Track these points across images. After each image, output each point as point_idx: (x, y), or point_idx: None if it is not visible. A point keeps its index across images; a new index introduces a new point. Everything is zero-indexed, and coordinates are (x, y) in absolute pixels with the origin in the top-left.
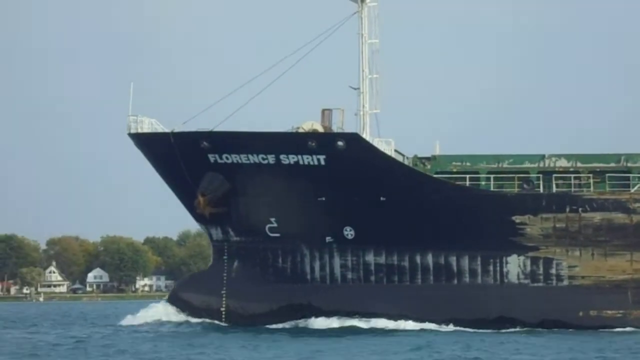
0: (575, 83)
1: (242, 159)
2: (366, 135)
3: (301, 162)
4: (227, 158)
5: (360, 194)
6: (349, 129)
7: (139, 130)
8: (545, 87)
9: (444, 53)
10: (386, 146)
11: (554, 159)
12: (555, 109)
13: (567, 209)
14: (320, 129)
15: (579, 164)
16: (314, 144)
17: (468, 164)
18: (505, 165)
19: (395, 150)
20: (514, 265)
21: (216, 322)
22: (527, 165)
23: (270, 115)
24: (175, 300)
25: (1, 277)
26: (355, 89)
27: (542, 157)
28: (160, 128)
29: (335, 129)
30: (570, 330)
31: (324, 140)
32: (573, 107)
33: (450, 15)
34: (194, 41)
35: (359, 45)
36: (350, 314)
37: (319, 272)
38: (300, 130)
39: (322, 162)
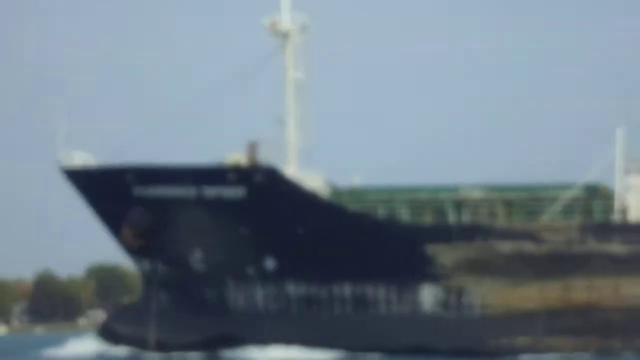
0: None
1: (166, 191)
2: (293, 168)
3: (222, 195)
4: (151, 191)
5: (279, 226)
6: (279, 160)
7: (70, 165)
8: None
9: (380, 84)
10: (312, 177)
11: (468, 190)
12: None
13: (478, 239)
14: (245, 162)
15: (492, 195)
16: (233, 176)
17: (385, 195)
18: (421, 197)
19: (327, 182)
20: (428, 296)
21: (147, 352)
22: (442, 195)
23: (203, 148)
24: (105, 332)
25: None
26: (280, 121)
27: (457, 188)
28: (90, 161)
29: (265, 161)
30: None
31: (243, 174)
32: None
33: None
34: (124, 73)
35: (283, 78)
36: (274, 343)
37: (243, 302)
38: (225, 163)
39: (243, 195)
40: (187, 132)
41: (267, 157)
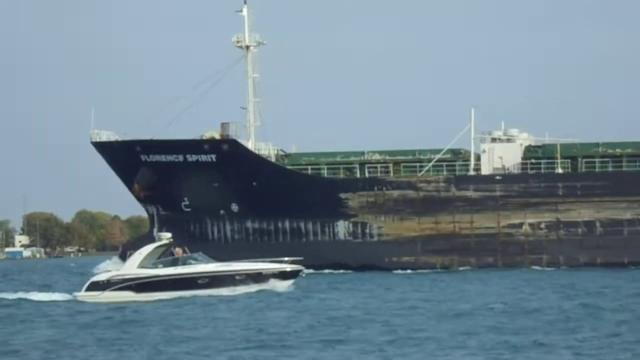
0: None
1: (163, 158)
2: (252, 141)
3: (200, 160)
4: (153, 157)
5: (240, 181)
6: (244, 136)
7: (98, 139)
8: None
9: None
10: (265, 147)
11: (370, 154)
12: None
13: (376, 188)
14: (217, 137)
15: (386, 157)
16: (207, 147)
17: (312, 158)
18: (337, 159)
19: (280, 150)
20: (342, 228)
21: None
22: (352, 159)
23: (189, 127)
24: (123, 256)
25: None
26: (243, 108)
27: (363, 153)
28: (114, 137)
29: (232, 136)
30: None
31: (214, 145)
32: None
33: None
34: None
35: (245, 78)
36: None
37: (216, 234)
38: (203, 137)
39: (214, 160)
40: (179, 116)
41: (235, 133)
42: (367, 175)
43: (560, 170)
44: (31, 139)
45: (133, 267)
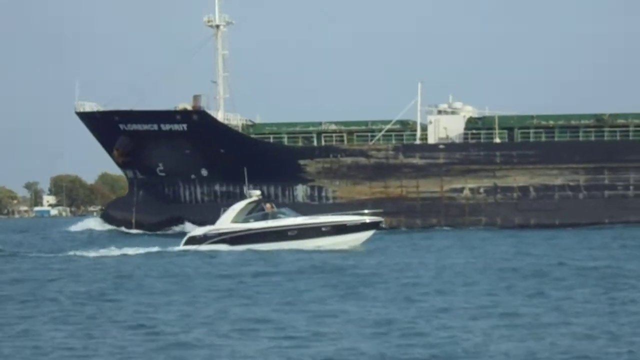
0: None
1: (140, 127)
2: (221, 112)
3: (173, 129)
4: (130, 126)
5: (209, 148)
6: (214, 107)
7: (82, 110)
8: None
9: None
10: (235, 117)
11: (327, 124)
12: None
13: (331, 156)
14: (189, 108)
15: (341, 127)
16: (179, 117)
17: (275, 128)
18: (297, 129)
19: (247, 120)
20: (301, 191)
21: (130, 229)
22: (310, 128)
23: (165, 98)
24: (104, 216)
25: None
26: (213, 82)
27: (320, 123)
28: (96, 108)
29: (203, 107)
30: None
31: (185, 115)
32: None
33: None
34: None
35: (215, 55)
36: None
37: (188, 197)
38: (177, 109)
39: (185, 129)
40: (155, 89)
41: (205, 105)
42: (323, 143)
43: (498, 140)
44: (58, 106)
45: (227, 221)
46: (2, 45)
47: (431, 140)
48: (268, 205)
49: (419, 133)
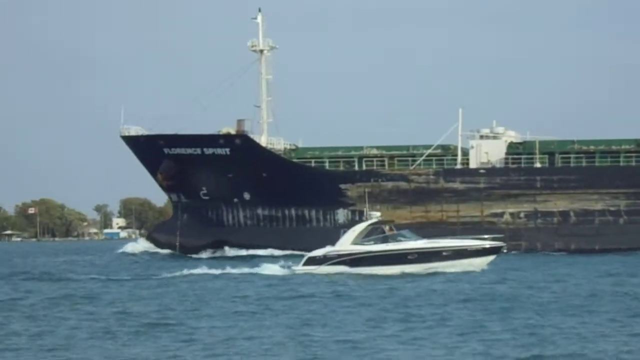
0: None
1: (184, 151)
2: (264, 136)
3: (216, 153)
4: (174, 150)
5: (251, 171)
6: (258, 132)
7: (127, 134)
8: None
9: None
10: (278, 141)
11: (368, 149)
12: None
13: (372, 180)
14: (233, 132)
15: (383, 152)
16: (222, 141)
17: (317, 152)
18: (339, 153)
19: (290, 144)
20: (342, 215)
21: (174, 251)
22: (352, 153)
23: (209, 123)
24: (149, 238)
25: None
26: (257, 106)
27: (362, 148)
28: (141, 132)
29: (246, 132)
30: None
31: (228, 140)
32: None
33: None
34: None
35: (259, 79)
36: (249, 247)
37: (231, 220)
38: (221, 133)
39: (228, 153)
40: (200, 113)
41: (249, 129)
42: (364, 168)
43: (538, 165)
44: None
45: (347, 243)
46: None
47: (473, 164)
48: (387, 227)
49: (459, 158)
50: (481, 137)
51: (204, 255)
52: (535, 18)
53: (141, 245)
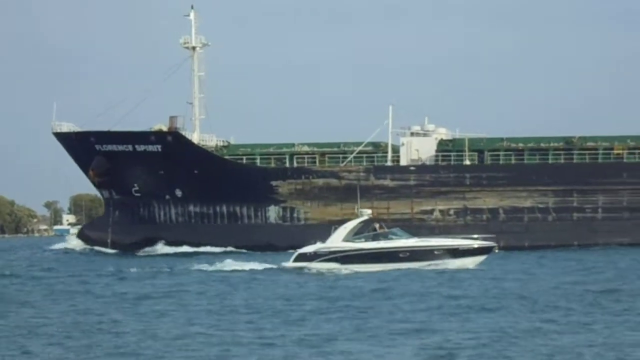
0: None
1: (115, 147)
2: (197, 133)
3: (148, 150)
4: (106, 147)
5: (183, 168)
6: (190, 128)
7: (59, 130)
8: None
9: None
10: (210, 138)
11: (300, 146)
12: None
13: (303, 177)
14: (165, 129)
15: (314, 149)
16: (154, 138)
17: (248, 149)
18: (270, 150)
19: (223, 140)
20: (273, 212)
21: (105, 249)
22: (283, 150)
23: (142, 120)
24: (81, 235)
25: None
26: (189, 103)
27: (293, 145)
28: (74, 128)
29: (179, 128)
30: None
31: (159, 136)
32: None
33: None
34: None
35: (191, 76)
36: (181, 244)
37: (163, 217)
38: (152, 129)
39: (160, 150)
40: (132, 110)
41: (182, 126)
42: (295, 165)
43: (468, 162)
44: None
45: (338, 240)
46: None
47: (403, 162)
48: (378, 225)
49: (390, 155)
50: (412, 134)
51: (141, 253)
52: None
53: (73, 243)
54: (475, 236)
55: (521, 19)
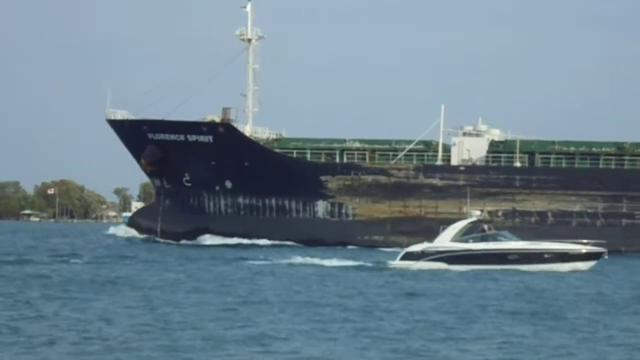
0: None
1: (167, 137)
2: (249, 125)
3: (199, 140)
4: (158, 136)
5: (233, 160)
6: (243, 121)
7: (113, 117)
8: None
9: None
10: (262, 130)
11: (351, 142)
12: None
13: (352, 173)
14: (217, 120)
15: (365, 145)
16: (205, 129)
17: (299, 143)
18: (321, 145)
19: (276, 133)
20: (321, 207)
21: (155, 237)
22: (334, 145)
23: (196, 110)
24: (131, 223)
25: None
26: (243, 95)
27: (344, 140)
28: (127, 116)
29: (232, 120)
30: None
31: (211, 127)
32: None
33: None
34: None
35: (246, 68)
36: (230, 235)
37: (212, 208)
38: (206, 120)
39: (211, 141)
40: (186, 100)
41: (234, 117)
42: (345, 161)
43: (518, 164)
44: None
45: (446, 240)
46: (43, 52)
47: (454, 161)
48: (487, 226)
49: (440, 154)
50: (464, 134)
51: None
52: (527, 17)
53: (122, 229)
54: (585, 241)
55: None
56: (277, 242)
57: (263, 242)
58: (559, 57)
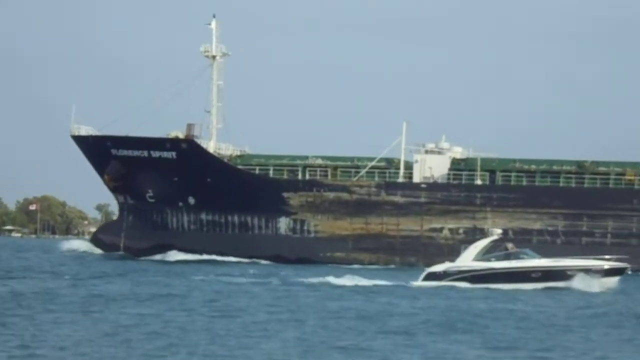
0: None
1: (131, 153)
2: (213, 141)
3: (162, 156)
4: (122, 152)
5: (196, 176)
6: (207, 137)
7: (77, 133)
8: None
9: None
10: (226, 147)
11: (313, 158)
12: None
13: (314, 190)
14: (182, 136)
15: (327, 162)
16: (169, 145)
17: (262, 160)
18: (284, 162)
19: (239, 150)
20: (284, 224)
21: (117, 253)
22: (297, 162)
23: (159, 126)
24: (94, 239)
25: None
26: (207, 111)
27: (307, 157)
28: (92, 132)
29: (196, 136)
30: None
31: (175, 143)
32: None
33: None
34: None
35: (210, 85)
36: (193, 252)
37: (175, 224)
38: (170, 136)
39: (174, 157)
40: (151, 115)
41: (198, 133)
42: (307, 177)
43: (479, 182)
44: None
45: (468, 259)
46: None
47: (416, 179)
48: (510, 244)
49: (402, 171)
50: (426, 151)
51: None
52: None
53: (79, 245)
54: (607, 257)
55: (553, 39)
56: (241, 259)
57: (225, 258)
58: (521, 75)
